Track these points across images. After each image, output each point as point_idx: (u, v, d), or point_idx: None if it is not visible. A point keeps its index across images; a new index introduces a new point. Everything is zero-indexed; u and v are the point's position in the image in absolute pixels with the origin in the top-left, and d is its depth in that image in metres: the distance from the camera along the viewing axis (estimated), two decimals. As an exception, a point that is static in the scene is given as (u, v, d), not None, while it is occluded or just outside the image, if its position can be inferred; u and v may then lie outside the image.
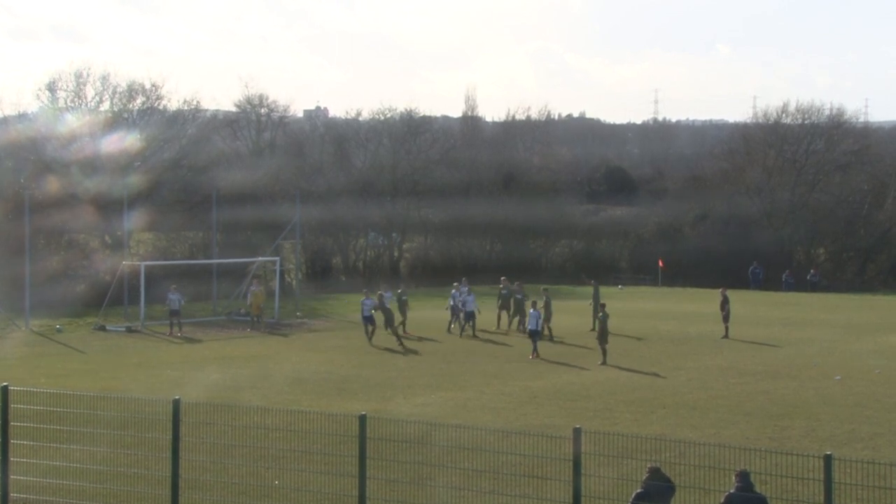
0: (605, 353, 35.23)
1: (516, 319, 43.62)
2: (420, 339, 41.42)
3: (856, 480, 15.55)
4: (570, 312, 46.20)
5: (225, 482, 18.62)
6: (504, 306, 44.49)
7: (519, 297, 43.36)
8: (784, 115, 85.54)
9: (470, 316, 42.30)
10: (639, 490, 15.36)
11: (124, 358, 37.62)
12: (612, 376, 32.44)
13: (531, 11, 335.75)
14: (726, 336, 41.08)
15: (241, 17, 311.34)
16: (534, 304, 38.49)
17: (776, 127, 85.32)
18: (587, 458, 15.34)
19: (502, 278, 46.62)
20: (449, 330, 43.36)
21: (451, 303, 43.80)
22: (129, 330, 44.52)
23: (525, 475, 18.02)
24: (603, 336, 35.60)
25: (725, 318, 41.84)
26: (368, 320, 41.11)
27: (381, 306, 41.01)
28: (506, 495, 17.60)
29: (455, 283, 44.99)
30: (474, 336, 41.83)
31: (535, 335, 37.07)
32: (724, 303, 42.03)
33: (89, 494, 18.21)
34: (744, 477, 14.87)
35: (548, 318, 40.70)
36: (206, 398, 26.73)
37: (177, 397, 17.31)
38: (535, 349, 36.63)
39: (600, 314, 36.54)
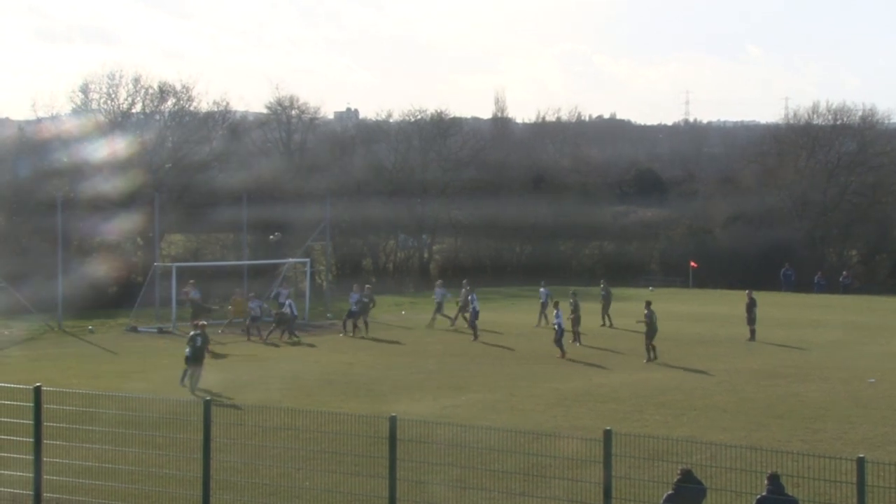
0: (652, 349, 35.74)
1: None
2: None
3: (889, 484, 15.43)
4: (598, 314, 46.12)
5: (255, 483, 18.73)
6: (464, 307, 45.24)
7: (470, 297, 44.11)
8: (815, 115, 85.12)
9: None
10: (669, 492, 15.31)
11: (155, 359, 37.83)
12: (641, 378, 32.35)
13: (558, 14, 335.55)
14: (752, 339, 40.88)
15: (270, 19, 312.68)
16: (556, 305, 38.51)
17: (807, 128, 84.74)
18: (618, 460, 15.30)
19: (464, 280, 47.56)
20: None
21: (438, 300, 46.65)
22: (161, 331, 44.74)
23: (555, 477, 17.98)
24: (651, 334, 35.96)
25: (751, 321, 41.60)
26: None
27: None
28: (536, 497, 17.59)
29: (438, 282, 47.42)
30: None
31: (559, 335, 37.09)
32: (751, 305, 41.82)
33: (121, 495, 18.33)
34: (775, 480, 14.84)
35: (576, 321, 40.59)
36: (236, 399, 26.94)
37: (207, 398, 17.39)
38: (562, 349, 36.72)
39: (646, 312, 36.62)
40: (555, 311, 37.94)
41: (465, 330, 43.58)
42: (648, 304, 37.41)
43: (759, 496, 14.81)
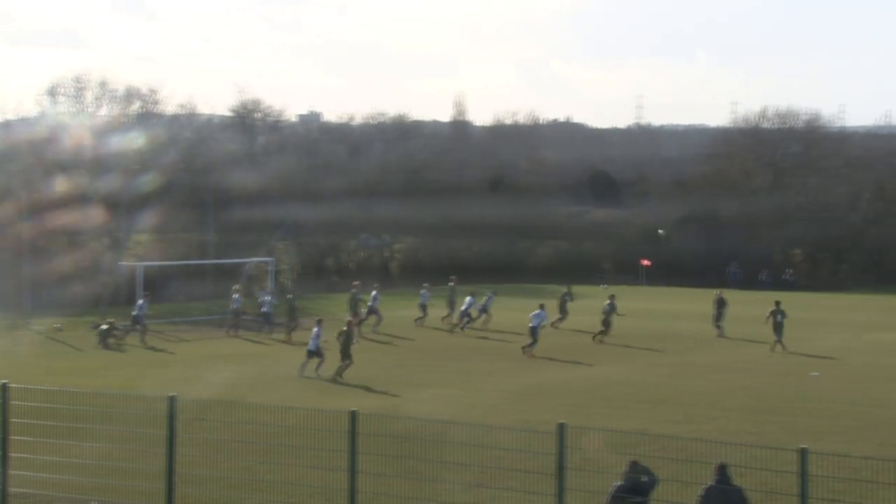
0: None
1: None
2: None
3: (830, 473, 15.84)
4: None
5: (218, 476, 18.75)
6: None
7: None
8: (763, 119, 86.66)
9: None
10: (619, 483, 15.69)
11: (122, 356, 38.08)
12: (594, 373, 33.04)
13: (516, 20, 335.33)
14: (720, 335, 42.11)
15: (235, 24, 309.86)
16: (541, 306, 39.07)
17: (755, 131, 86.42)
18: (569, 452, 15.70)
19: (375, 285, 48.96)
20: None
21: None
22: (128, 329, 44.83)
23: (509, 469, 18.39)
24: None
25: (719, 318, 42.84)
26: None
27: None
28: (492, 488, 18.04)
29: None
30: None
31: (534, 333, 37.66)
32: (721, 303, 43.26)
33: (86, 489, 18.35)
34: (722, 470, 15.21)
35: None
36: (202, 395, 27.18)
37: (173, 394, 17.62)
38: (530, 346, 37.34)
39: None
40: (536, 312, 38.48)
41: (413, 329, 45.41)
42: (777, 303, 39.14)
43: (706, 486, 15.15)
